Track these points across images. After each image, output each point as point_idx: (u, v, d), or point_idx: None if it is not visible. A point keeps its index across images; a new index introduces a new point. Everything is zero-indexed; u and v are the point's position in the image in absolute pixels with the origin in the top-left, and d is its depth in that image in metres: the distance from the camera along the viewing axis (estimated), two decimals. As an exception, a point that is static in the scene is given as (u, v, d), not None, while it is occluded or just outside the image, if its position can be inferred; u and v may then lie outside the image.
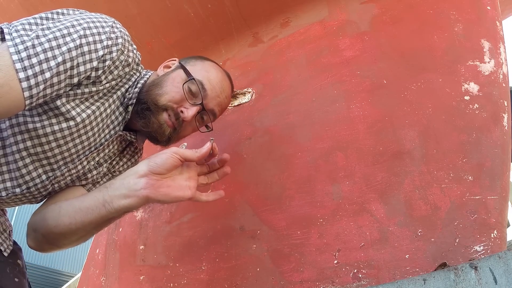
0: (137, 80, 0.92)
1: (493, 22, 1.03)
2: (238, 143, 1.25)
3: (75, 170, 0.90)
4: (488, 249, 0.81)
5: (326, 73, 1.19)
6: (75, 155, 0.87)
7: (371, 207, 0.95)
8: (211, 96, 0.93)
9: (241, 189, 1.17)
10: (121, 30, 0.84)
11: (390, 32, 1.15)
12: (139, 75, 0.94)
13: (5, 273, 0.90)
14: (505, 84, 0.97)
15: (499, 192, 0.86)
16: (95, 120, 0.86)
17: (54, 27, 0.76)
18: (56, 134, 0.81)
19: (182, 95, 0.90)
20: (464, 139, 0.93)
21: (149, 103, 0.89)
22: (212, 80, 0.94)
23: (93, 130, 0.86)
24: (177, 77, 0.92)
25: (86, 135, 0.86)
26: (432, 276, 0.70)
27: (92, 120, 0.85)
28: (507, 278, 0.65)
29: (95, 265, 1.51)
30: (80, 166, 0.90)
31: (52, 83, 0.74)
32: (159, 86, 0.91)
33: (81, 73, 0.78)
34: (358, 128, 1.05)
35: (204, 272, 1.11)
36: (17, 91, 0.69)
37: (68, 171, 0.89)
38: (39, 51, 0.71)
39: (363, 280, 0.88)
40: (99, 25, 0.80)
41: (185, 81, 0.90)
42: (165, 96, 0.89)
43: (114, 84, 0.87)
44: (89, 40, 0.77)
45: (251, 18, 1.40)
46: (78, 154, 0.88)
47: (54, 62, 0.72)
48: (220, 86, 0.96)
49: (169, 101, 0.90)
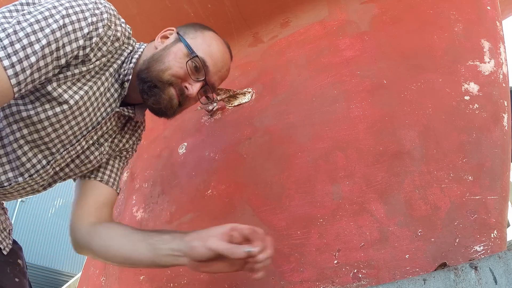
0: (131, 55, 0.92)
1: (493, 22, 1.03)
2: (238, 143, 1.25)
3: (74, 152, 0.90)
4: (488, 249, 0.81)
5: (326, 73, 1.19)
6: (72, 137, 0.87)
7: (371, 207, 0.95)
8: (213, 71, 0.93)
9: (241, 189, 1.17)
10: (105, 5, 0.83)
11: (390, 32, 1.15)
12: (132, 49, 0.93)
13: (5, 273, 0.90)
14: (505, 84, 0.97)
15: (499, 192, 0.86)
16: (89, 100, 0.85)
17: (35, 11, 0.75)
18: (51, 119, 0.81)
19: (185, 71, 0.89)
20: (464, 139, 0.93)
21: (154, 80, 0.88)
22: (214, 55, 0.93)
23: (88, 110, 0.86)
24: (179, 52, 0.91)
25: (81, 116, 0.85)
26: (432, 276, 0.70)
27: (86, 101, 0.84)
28: (507, 278, 0.65)
29: (95, 265, 1.51)
30: (79, 147, 0.90)
31: (39, 67, 0.73)
32: (160, 62, 0.90)
33: (67, 54, 0.77)
34: (358, 128, 1.05)
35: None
36: (4, 79, 0.69)
37: (68, 153, 0.89)
38: (21, 37, 0.70)
39: (363, 280, 0.88)
40: (82, 3, 0.79)
41: (189, 59, 0.90)
42: (168, 71, 0.89)
43: (105, 61, 0.87)
44: (72, 19, 0.76)
45: (251, 18, 1.40)
46: (75, 135, 0.87)
47: (39, 46, 0.72)
48: (222, 60, 0.95)
49: (172, 75, 0.89)
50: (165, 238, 0.86)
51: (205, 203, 1.20)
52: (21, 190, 0.89)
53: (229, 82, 1.43)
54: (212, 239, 0.80)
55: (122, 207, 1.52)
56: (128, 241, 0.89)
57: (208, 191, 1.23)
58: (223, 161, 1.25)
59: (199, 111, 1.42)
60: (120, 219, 1.49)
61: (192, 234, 0.84)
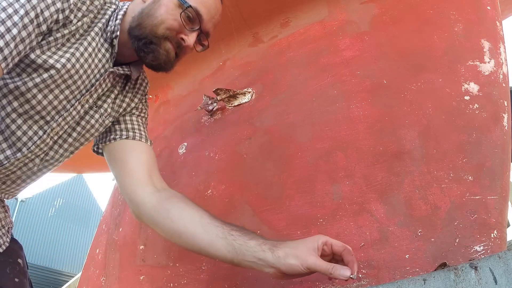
0: (116, 12, 0.91)
1: (493, 22, 1.03)
2: (238, 143, 1.25)
3: (70, 117, 0.89)
4: (488, 249, 0.81)
5: (326, 73, 1.19)
6: (65, 102, 0.86)
7: (371, 207, 0.95)
8: (207, 19, 0.93)
9: (241, 189, 1.17)
10: None
11: (390, 32, 1.15)
12: (116, 8, 0.92)
13: (5, 273, 0.90)
14: (505, 84, 0.97)
15: (499, 192, 0.86)
16: (77, 62, 0.84)
17: None
18: (39, 86, 0.80)
19: (179, 23, 0.89)
20: (464, 139, 0.93)
21: (149, 36, 0.88)
22: (206, 3, 0.93)
23: (78, 73, 0.85)
24: (170, 3, 0.90)
25: (72, 79, 0.84)
26: (432, 276, 0.70)
27: (74, 63, 0.83)
28: (507, 278, 0.65)
29: (95, 265, 1.51)
30: (75, 112, 0.89)
31: (22, 38, 0.73)
32: (152, 16, 0.89)
33: (47, 19, 0.77)
34: (358, 128, 1.05)
35: (204, 272, 1.11)
36: None
37: (63, 119, 0.88)
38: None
39: (363, 280, 0.88)
40: None
41: (182, 10, 0.89)
42: (162, 25, 0.88)
43: (88, 22, 0.86)
44: None
45: (251, 18, 1.40)
46: (68, 100, 0.86)
47: (17, 17, 0.72)
48: (214, 7, 0.95)
49: (167, 29, 0.89)
50: (251, 244, 0.79)
51: (205, 203, 1.20)
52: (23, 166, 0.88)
53: (229, 82, 1.43)
54: (311, 258, 0.75)
55: (122, 207, 1.52)
56: (205, 232, 0.83)
57: (208, 191, 1.23)
58: (223, 161, 1.25)
59: (199, 111, 1.42)
60: (120, 219, 1.49)
61: (284, 248, 0.77)
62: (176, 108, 1.60)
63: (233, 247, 0.80)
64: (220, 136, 1.31)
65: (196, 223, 0.85)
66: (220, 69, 1.52)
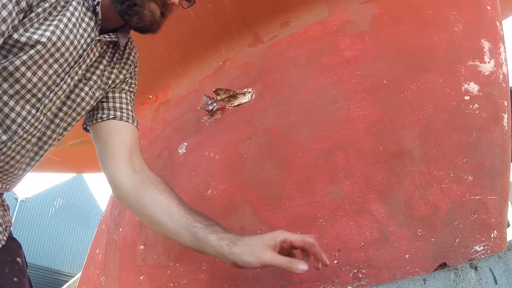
0: None
1: (493, 22, 1.03)
2: (238, 143, 1.25)
3: (61, 92, 0.88)
4: (488, 249, 0.81)
5: (326, 73, 1.19)
6: (55, 76, 0.85)
7: (371, 207, 0.95)
8: None
9: (241, 189, 1.17)
10: None
11: (390, 32, 1.15)
12: None
13: (4, 273, 0.89)
14: (505, 84, 0.97)
15: (499, 192, 0.86)
16: (62, 34, 0.83)
17: None
18: (27, 63, 0.80)
19: None
20: (464, 139, 0.93)
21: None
22: None
23: (64, 45, 0.84)
24: None
25: (59, 52, 0.84)
26: (432, 276, 0.70)
27: (59, 35, 0.83)
28: (507, 278, 0.65)
29: (95, 265, 1.51)
30: (65, 85, 0.88)
31: (3, 18, 0.73)
32: None
33: None
34: (358, 128, 1.05)
35: (204, 272, 1.11)
36: None
37: (55, 94, 0.87)
38: None
39: (363, 280, 0.88)
40: None
41: None
42: None
43: None
44: None
45: (251, 18, 1.40)
46: (57, 74, 0.86)
47: None
48: None
49: None
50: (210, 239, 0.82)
51: (205, 203, 1.20)
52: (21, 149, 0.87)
53: (229, 82, 1.43)
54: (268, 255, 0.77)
55: (122, 207, 1.52)
56: (171, 222, 0.87)
57: (208, 191, 1.23)
58: (223, 161, 1.25)
59: (199, 111, 1.42)
60: (120, 219, 1.49)
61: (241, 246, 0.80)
62: (176, 108, 1.60)
63: (195, 238, 0.84)
64: (220, 136, 1.31)
65: (164, 211, 0.89)
66: (220, 69, 1.52)
